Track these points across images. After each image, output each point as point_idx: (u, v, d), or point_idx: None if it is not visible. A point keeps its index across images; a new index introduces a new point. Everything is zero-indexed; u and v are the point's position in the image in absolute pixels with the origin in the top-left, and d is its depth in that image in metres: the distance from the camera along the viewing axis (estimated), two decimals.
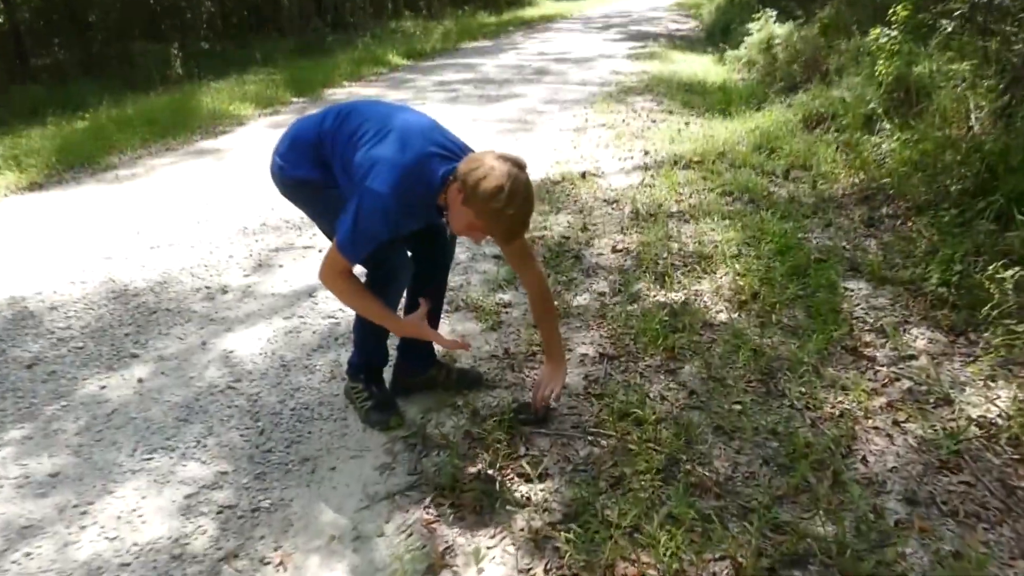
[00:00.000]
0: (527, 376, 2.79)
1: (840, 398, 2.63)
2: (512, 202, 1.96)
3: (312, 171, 2.33)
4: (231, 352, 3.08)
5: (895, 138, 5.00)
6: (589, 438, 2.39)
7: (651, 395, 2.63)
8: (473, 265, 3.86)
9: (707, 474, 2.23)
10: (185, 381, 2.88)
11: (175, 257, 4.14)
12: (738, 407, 2.56)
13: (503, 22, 20.67)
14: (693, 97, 8.04)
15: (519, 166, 2.01)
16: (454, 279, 3.67)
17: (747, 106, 7.33)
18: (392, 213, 2.07)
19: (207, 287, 3.73)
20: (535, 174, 5.38)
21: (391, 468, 2.30)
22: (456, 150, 2.20)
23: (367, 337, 2.53)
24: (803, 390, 2.67)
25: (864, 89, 5.91)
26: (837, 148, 5.42)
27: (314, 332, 3.22)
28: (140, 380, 2.90)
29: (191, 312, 3.47)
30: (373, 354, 2.57)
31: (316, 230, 3.74)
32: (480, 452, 2.33)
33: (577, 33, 17.11)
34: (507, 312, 3.31)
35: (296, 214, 4.46)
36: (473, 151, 2.22)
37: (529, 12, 24.59)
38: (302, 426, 2.55)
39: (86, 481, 2.32)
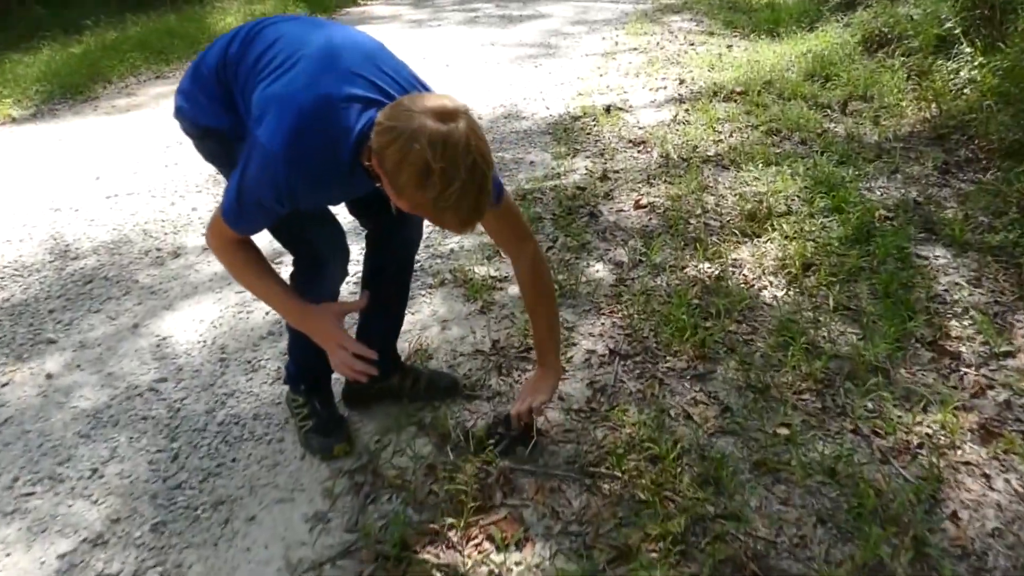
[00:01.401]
0: (517, 381, 2.22)
1: (919, 418, 2.03)
2: (451, 182, 1.28)
3: (218, 115, 1.68)
4: (165, 339, 2.55)
5: (976, 64, 4.22)
6: (587, 480, 1.82)
7: (672, 412, 2.05)
8: None
9: (742, 539, 1.66)
10: (102, 379, 2.36)
11: (131, 209, 3.60)
12: (785, 431, 1.97)
13: None
14: (737, 16, 7.19)
15: (451, 117, 1.30)
16: (445, 242, 3.08)
17: (798, 26, 6.49)
18: (283, 179, 1.44)
19: (158, 249, 3.19)
20: (554, 107, 4.71)
21: (326, 521, 1.76)
22: (394, 89, 1.51)
23: (296, 339, 1.96)
24: (870, 406, 2.07)
25: (938, 4, 5.06)
26: (907, 77, 4.64)
27: (268, 313, 2.66)
28: (49, 376, 2.39)
29: (132, 282, 2.93)
30: (305, 361, 1.99)
31: None
32: (443, 500, 1.78)
33: None
34: (502, 289, 2.72)
35: None
36: (424, 90, 1.56)
37: None
38: (226, 450, 2.02)
39: None
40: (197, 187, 3.82)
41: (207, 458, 1.99)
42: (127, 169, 4.12)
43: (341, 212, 1.90)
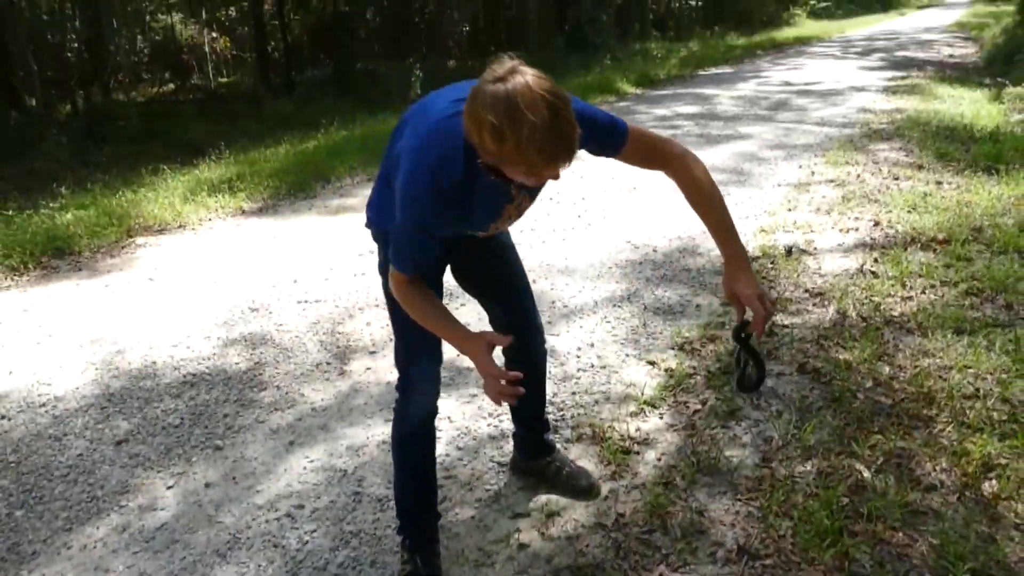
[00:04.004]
0: (633, 568, 2.12)
1: None
2: (522, 126, 1.43)
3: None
4: (311, 462, 2.70)
5: None
6: None
7: None
8: (621, 368, 3.22)
9: None
10: (250, 495, 2.53)
11: (315, 317, 3.90)
12: None
13: (752, 44, 19.48)
14: (952, 147, 6.73)
15: (505, 77, 1.46)
16: (593, 390, 3.06)
17: (1023, 162, 5.96)
18: (417, 202, 1.67)
19: (328, 363, 3.41)
20: None
21: None
22: None
23: (395, 467, 2.17)
24: None
25: None
26: None
27: None
28: (207, 485, 2.60)
29: (299, 395, 3.16)
30: (404, 503, 2.15)
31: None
32: None
33: (831, 59, 15.60)
34: (639, 452, 2.64)
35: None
36: None
37: (784, 33, 23.07)
38: None
39: None
40: (376, 301, 4.06)
41: None
42: (320, 275, 4.48)
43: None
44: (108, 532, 2.39)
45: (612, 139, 1.83)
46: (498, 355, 2.08)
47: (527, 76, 1.46)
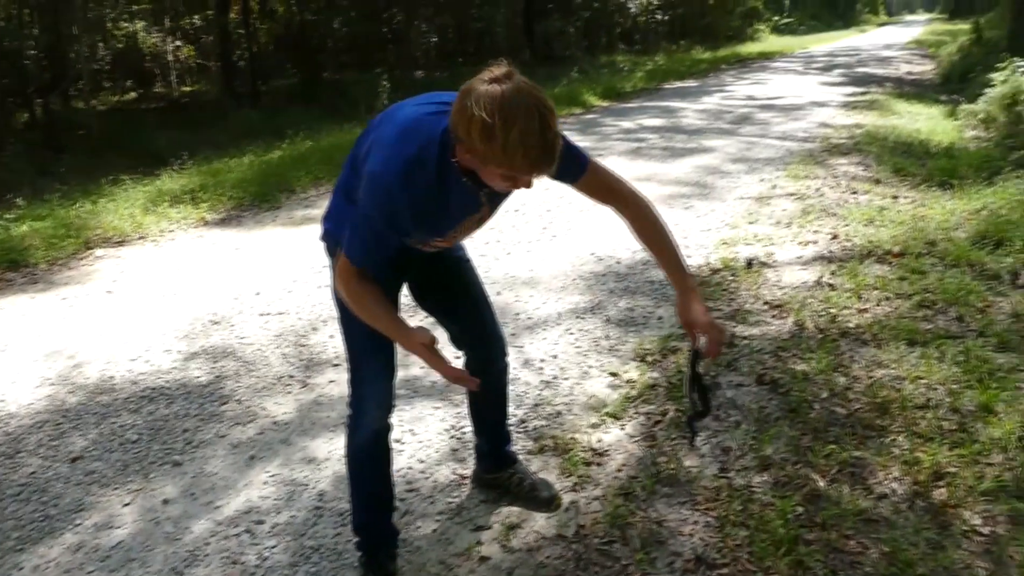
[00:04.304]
0: None
1: None
2: (511, 127, 1.48)
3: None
4: (273, 476, 2.68)
5: None
6: None
7: None
8: (584, 380, 3.24)
9: None
10: (209, 512, 2.51)
11: (278, 330, 3.88)
12: None
13: (717, 59, 19.79)
14: (909, 162, 6.89)
15: (501, 79, 1.53)
16: (555, 401, 3.08)
17: (975, 177, 6.12)
18: (386, 192, 1.67)
19: (290, 376, 3.40)
20: (695, 256, 4.66)
21: None
22: None
23: (349, 483, 2.18)
24: None
25: None
26: None
27: None
28: (165, 502, 2.57)
29: (260, 409, 3.13)
30: (354, 508, 2.18)
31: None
32: None
33: (793, 75, 15.88)
34: (599, 463, 2.66)
35: None
36: None
37: (748, 48, 23.49)
38: None
39: None
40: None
41: None
42: (283, 287, 4.46)
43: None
44: (62, 551, 2.35)
45: (573, 167, 1.88)
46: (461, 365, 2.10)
47: (522, 83, 1.53)
